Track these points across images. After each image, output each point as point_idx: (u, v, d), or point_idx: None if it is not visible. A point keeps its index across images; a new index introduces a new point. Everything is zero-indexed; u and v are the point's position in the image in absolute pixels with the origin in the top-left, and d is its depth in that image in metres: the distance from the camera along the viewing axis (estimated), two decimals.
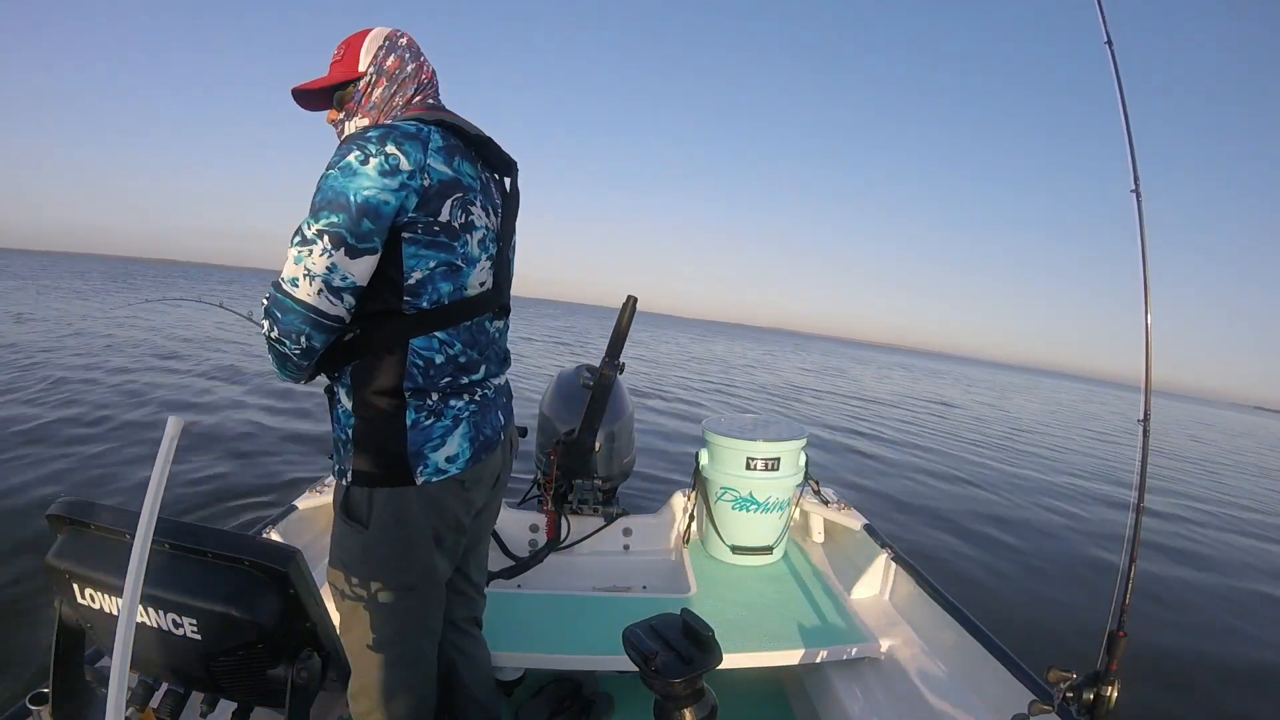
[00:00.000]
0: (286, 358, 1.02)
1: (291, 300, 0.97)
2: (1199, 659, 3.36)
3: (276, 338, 1.00)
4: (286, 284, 0.97)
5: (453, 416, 1.10)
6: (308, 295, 0.97)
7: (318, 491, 2.15)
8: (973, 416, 14.49)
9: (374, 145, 0.98)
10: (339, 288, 0.98)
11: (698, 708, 0.82)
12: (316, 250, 0.96)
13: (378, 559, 1.10)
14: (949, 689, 1.60)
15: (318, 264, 0.96)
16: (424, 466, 1.08)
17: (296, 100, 1.18)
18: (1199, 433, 24.16)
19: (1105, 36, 1.45)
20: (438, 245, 1.04)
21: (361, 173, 0.96)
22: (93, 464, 4.12)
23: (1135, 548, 1.28)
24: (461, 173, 1.08)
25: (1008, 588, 3.97)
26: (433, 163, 1.02)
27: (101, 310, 14.31)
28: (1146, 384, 1.36)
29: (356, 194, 0.96)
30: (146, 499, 0.50)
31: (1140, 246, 1.38)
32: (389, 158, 0.97)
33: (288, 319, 0.98)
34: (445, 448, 1.09)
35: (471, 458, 1.12)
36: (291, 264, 0.97)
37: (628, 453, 2.44)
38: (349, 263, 0.97)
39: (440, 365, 1.08)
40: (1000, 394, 27.21)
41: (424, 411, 1.07)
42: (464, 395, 1.12)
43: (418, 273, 1.03)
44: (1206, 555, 5.41)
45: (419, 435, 1.07)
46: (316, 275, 0.96)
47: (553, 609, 1.82)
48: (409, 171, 0.99)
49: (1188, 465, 11.98)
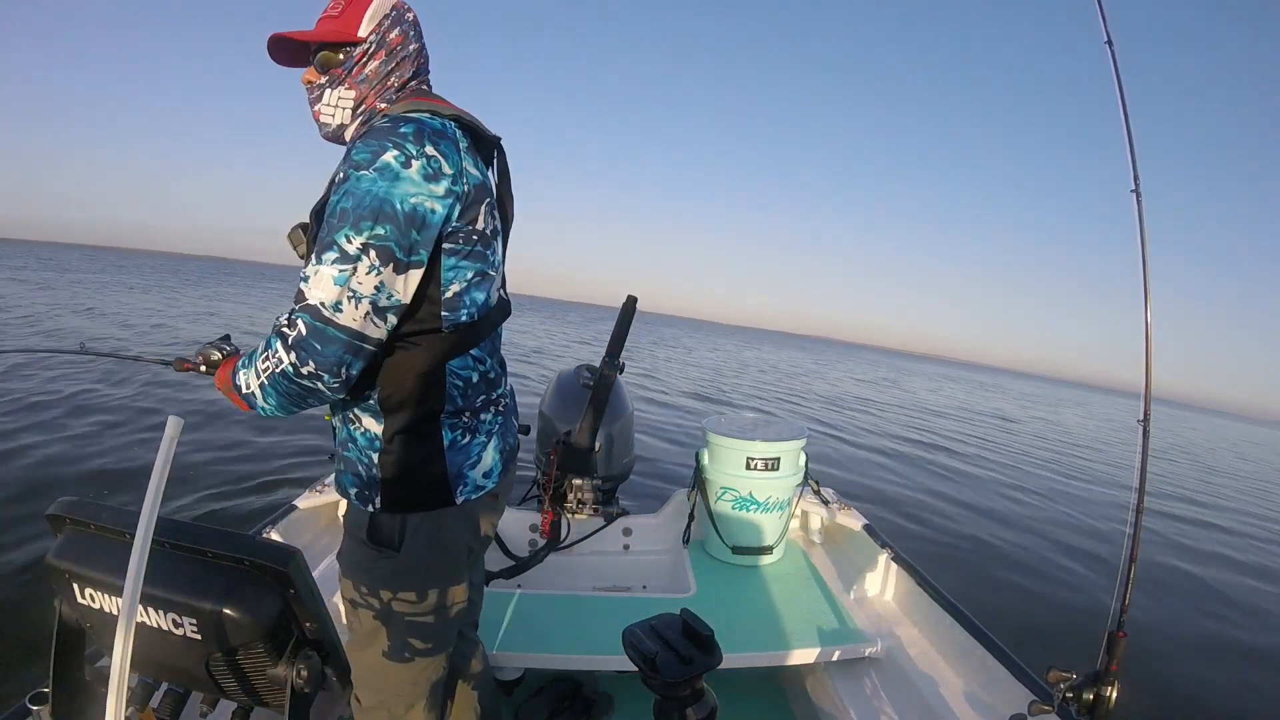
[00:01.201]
0: (312, 393, 0.89)
1: (334, 328, 0.85)
2: (1200, 659, 3.36)
3: (312, 373, 0.86)
4: (328, 310, 0.84)
5: (485, 431, 1.06)
6: (353, 320, 0.85)
7: (317, 491, 2.15)
8: (1032, 432, 14.44)
9: (413, 145, 0.87)
10: (385, 308, 0.87)
11: (698, 708, 0.82)
12: (362, 268, 0.84)
13: (409, 583, 1.04)
14: (949, 689, 1.60)
15: (365, 284, 0.84)
16: (464, 486, 1.03)
17: (270, 50, 1.00)
18: (1248, 451, 23.81)
19: (1105, 36, 1.45)
20: (474, 255, 0.96)
21: (405, 177, 0.85)
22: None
23: (1135, 548, 1.28)
24: (485, 175, 1.01)
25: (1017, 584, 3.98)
26: (467, 165, 0.93)
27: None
28: (1146, 385, 1.36)
29: (403, 201, 0.85)
30: (146, 499, 0.50)
31: (1140, 246, 1.38)
32: (430, 160, 0.87)
33: (329, 350, 0.85)
34: (481, 464, 1.06)
35: (503, 470, 1.11)
36: (331, 285, 0.84)
37: (628, 453, 2.44)
38: (396, 280, 0.87)
39: (476, 384, 1.03)
40: (1051, 408, 27.03)
41: (459, 430, 1.02)
42: (491, 409, 1.09)
43: (456, 284, 0.95)
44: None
45: (458, 455, 1.02)
46: (364, 297, 0.85)
47: (553, 609, 1.82)
48: (451, 176, 0.90)
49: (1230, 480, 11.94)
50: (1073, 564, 4.58)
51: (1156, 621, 3.71)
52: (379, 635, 1.06)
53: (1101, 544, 5.08)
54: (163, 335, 10.47)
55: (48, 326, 9.75)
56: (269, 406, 0.93)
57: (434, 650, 1.11)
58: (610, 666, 1.65)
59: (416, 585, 1.05)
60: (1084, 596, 3.89)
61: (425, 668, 1.10)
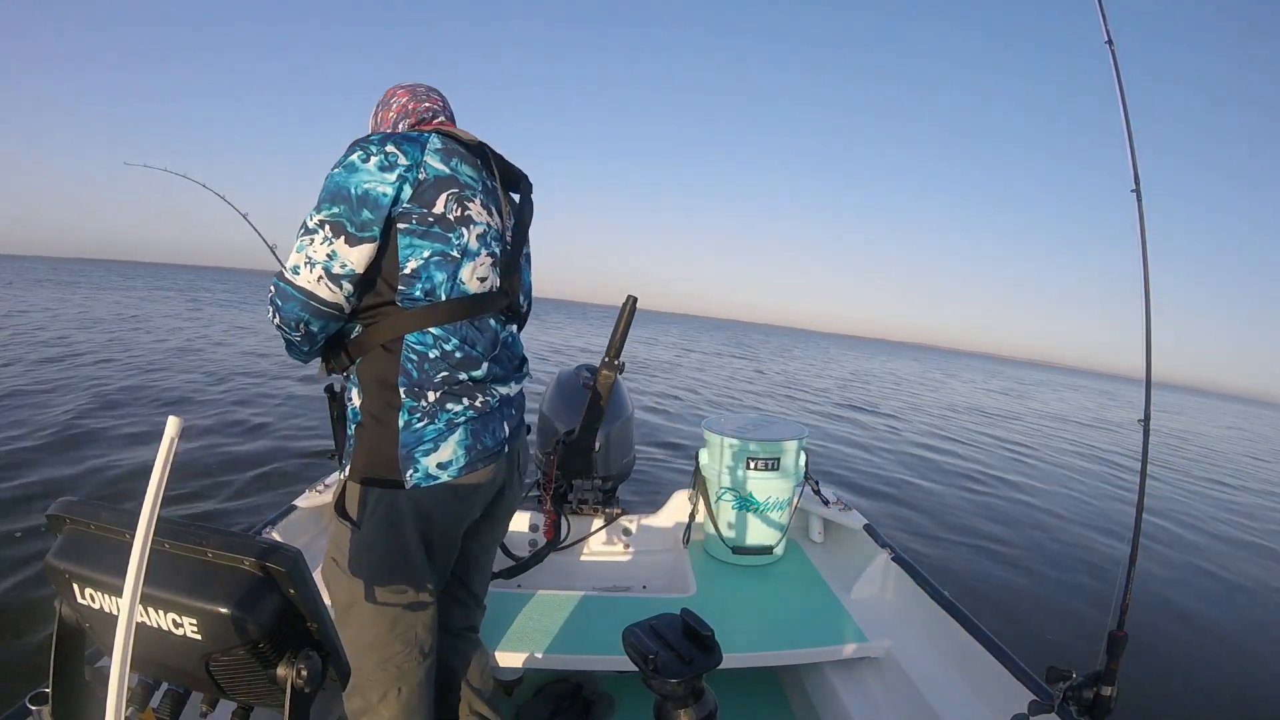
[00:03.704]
0: (291, 344, 1.10)
1: (292, 288, 1.02)
2: (1200, 658, 3.36)
3: (279, 325, 1.06)
4: (288, 273, 1.03)
5: (447, 421, 1.09)
6: (307, 282, 1.02)
7: (317, 491, 2.15)
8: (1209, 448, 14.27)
9: (375, 146, 1.05)
10: (338, 275, 1.02)
11: (698, 708, 0.82)
12: (318, 239, 1.01)
13: (369, 560, 1.10)
14: (949, 689, 1.60)
15: (318, 251, 1.01)
16: (414, 470, 1.07)
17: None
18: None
19: (1105, 36, 1.45)
20: (432, 236, 1.07)
21: (362, 169, 1.03)
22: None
23: (1136, 547, 1.28)
24: (459, 171, 1.12)
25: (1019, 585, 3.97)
26: (429, 159, 1.08)
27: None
28: (1147, 384, 1.36)
29: (357, 186, 1.02)
30: (146, 499, 0.50)
31: (1141, 246, 1.38)
32: (388, 155, 1.04)
33: (289, 307, 1.03)
34: (438, 453, 1.08)
35: (466, 466, 1.11)
36: (294, 253, 1.03)
37: (628, 453, 2.44)
38: (348, 250, 1.02)
39: (435, 360, 1.08)
40: (1189, 418, 26.50)
41: (418, 413, 1.07)
42: (463, 399, 1.11)
43: (413, 262, 1.06)
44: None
45: (410, 437, 1.07)
46: (317, 263, 1.01)
47: (553, 609, 1.82)
48: (406, 166, 1.05)
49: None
50: (1072, 563, 4.58)
51: (1157, 621, 3.71)
52: (347, 613, 1.11)
53: (1102, 543, 5.08)
54: None
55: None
56: (292, 354, 1.16)
57: (394, 635, 1.12)
58: (610, 666, 1.65)
59: (374, 566, 1.10)
60: (1084, 596, 3.89)
61: (391, 653, 1.12)
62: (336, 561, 1.12)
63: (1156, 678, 3.01)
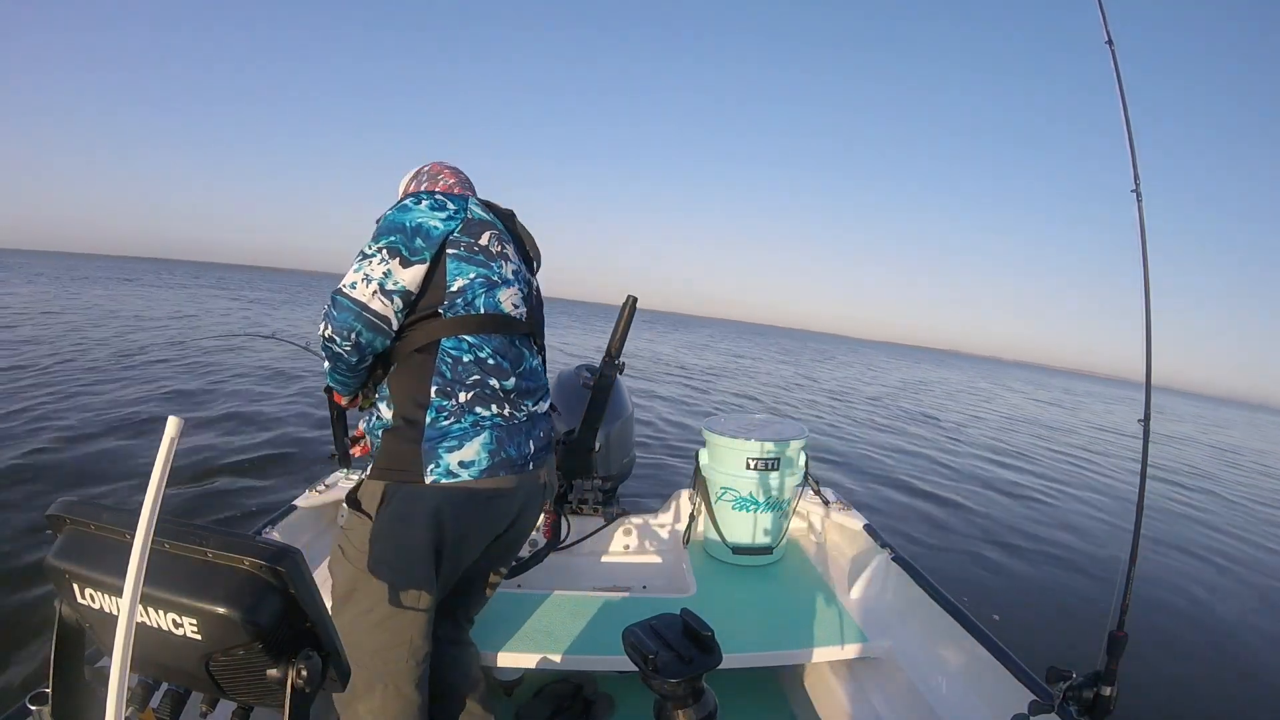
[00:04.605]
0: (339, 356, 1.14)
1: (348, 299, 1.11)
2: (1199, 658, 3.36)
3: (329, 335, 1.12)
4: (345, 287, 1.12)
5: (474, 422, 1.14)
6: (362, 295, 1.11)
7: (318, 491, 2.15)
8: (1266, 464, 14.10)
9: (424, 195, 1.21)
10: (390, 290, 1.12)
11: (698, 708, 0.82)
12: (375, 260, 1.12)
13: (375, 551, 1.12)
14: (949, 689, 1.60)
15: (375, 270, 1.12)
16: (435, 465, 1.10)
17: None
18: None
19: (1106, 36, 1.45)
20: (476, 261, 1.20)
21: (415, 209, 1.17)
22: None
23: (1136, 547, 1.28)
24: (496, 224, 1.28)
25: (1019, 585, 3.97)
26: (473, 207, 1.25)
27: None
28: (1147, 384, 1.36)
29: (411, 221, 1.15)
30: (146, 499, 0.50)
31: (1141, 246, 1.38)
32: (437, 201, 1.20)
33: (342, 316, 1.11)
34: (461, 451, 1.11)
35: (488, 470, 1.13)
36: (351, 272, 1.13)
37: (628, 453, 2.44)
38: (401, 270, 1.13)
39: (468, 364, 1.16)
40: (1223, 429, 26.19)
41: (445, 412, 1.13)
42: (492, 405, 1.16)
43: (459, 280, 1.17)
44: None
45: (435, 432, 1.12)
46: (373, 279, 1.11)
47: (553, 609, 1.82)
48: (453, 210, 1.21)
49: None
50: (1073, 562, 4.58)
51: (1157, 621, 3.71)
52: (345, 604, 1.13)
53: (1102, 542, 5.08)
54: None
55: None
56: (332, 376, 1.22)
57: (387, 629, 1.12)
58: (610, 666, 1.65)
59: (381, 559, 1.12)
60: (1084, 596, 3.89)
61: (380, 645, 1.12)
62: (343, 549, 1.16)
63: (1156, 678, 3.01)
